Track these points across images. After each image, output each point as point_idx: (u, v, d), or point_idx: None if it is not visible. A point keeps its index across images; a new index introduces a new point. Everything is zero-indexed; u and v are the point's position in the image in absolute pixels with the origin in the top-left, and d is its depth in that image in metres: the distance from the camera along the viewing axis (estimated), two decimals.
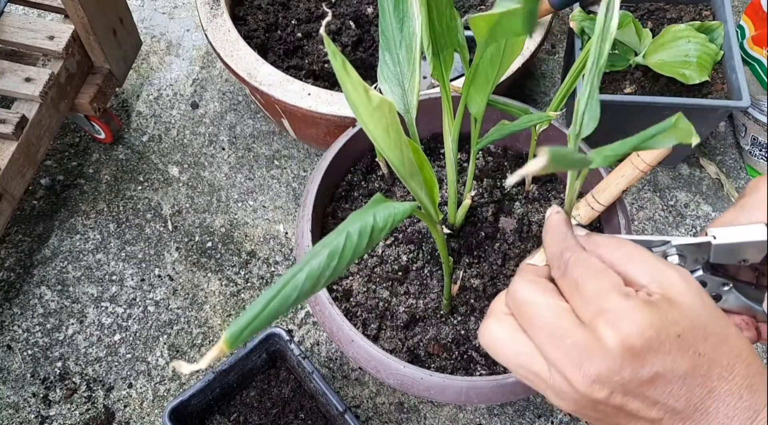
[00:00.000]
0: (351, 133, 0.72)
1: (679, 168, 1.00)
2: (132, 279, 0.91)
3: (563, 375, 0.33)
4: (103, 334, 0.87)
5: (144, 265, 0.92)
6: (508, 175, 0.76)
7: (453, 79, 0.83)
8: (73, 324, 0.88)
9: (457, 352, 0.65)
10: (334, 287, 0.69)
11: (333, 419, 0.73)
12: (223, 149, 1.01)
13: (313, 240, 0.66)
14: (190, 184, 0.99)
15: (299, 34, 0.95)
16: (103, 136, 1.00)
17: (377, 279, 0.69)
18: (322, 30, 0.33)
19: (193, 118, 1.04)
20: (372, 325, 0.67)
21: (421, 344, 0.66)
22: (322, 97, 0.81)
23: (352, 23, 0.95)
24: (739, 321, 0.42)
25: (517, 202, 0.74)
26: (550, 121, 0.68)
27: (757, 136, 0.95)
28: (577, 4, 0.87)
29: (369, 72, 0.93)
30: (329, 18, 0.36)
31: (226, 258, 0.93)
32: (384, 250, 0.70)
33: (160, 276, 0.91)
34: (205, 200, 0.97)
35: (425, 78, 0.85)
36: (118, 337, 0.87)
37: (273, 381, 0.78)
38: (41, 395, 0.83)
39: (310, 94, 0.82)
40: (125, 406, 0.83)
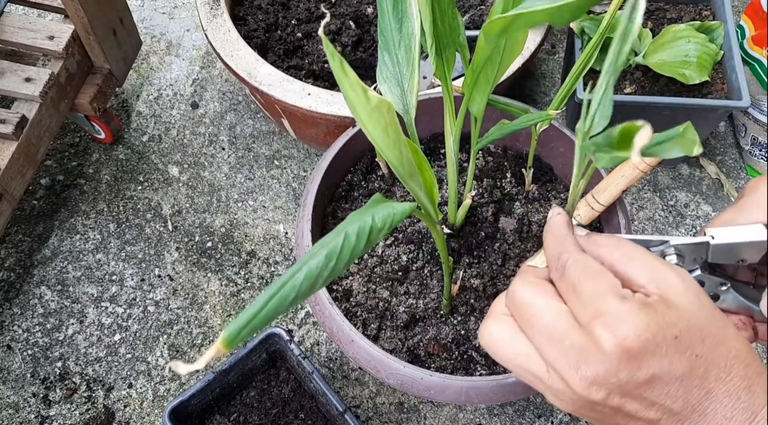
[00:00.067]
0: (351, 133, 0.72)
1: (679, 168, 1.00)
2: (132, 279, 0.91)
3: (561, 377, 0.34)
4: (103, 334, 0.87)
5: (144, 265, 0.92)
6: (508, 175, 0.76)
7: (453, 79, 0.83)
8: (73, 324, 0.88)
9: (457, 352, 0.65)
10: (334, 287, 0.69)
11: (333, 419, 0.73)
12: (223, 149, 1.01)
13: (313, 241, 0.66)
14: (190, 184, 0.99)
15: (299, 34, 0.95)
16: (103, 136, 1.00)
17: (377, 279, 0.69)
18: (321, 31, 0.33)
19: (193, 118, 1.04)
20: (372, 325, 0.67)
21: (421, 344, 0.66)
22: (322, 97, 0.81)
23: (352, 23, 0.95)
24: (736, 320, 0.43)
25: (517, 202, 0.74)
26: (551, 120, 0.68)
27: (757, 136, 0.95)
28: None
29: (369, 72, 0.93)
30: (327, 19, 0.36)
31: (226, 258, 0.93)
32: (384, 250, 0.70)
33: (160, 276, 0.91)
34: (205, 200, 0.97)
35: (425, 78, 0.85)
36: (118, 337, 0.87)
37: (273, 381, 0.78)
38: (41, 395, 0.83)
39: (310, 94, 0.82)
40: (125, 406, 0.83)
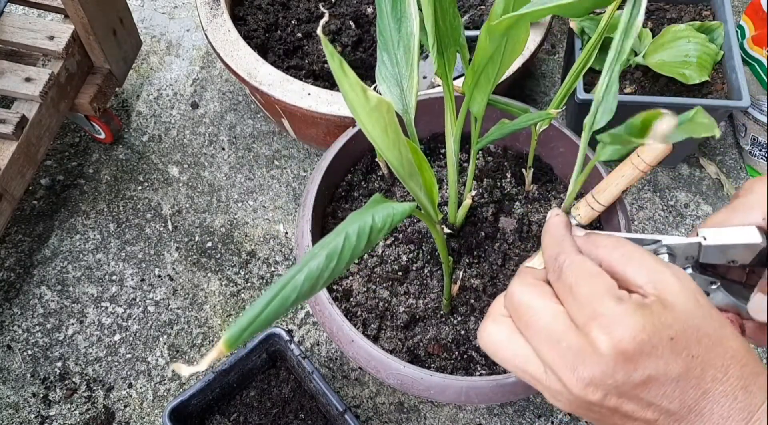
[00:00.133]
0: (351, 133, 0.72)
1: (679, 168, 1.00)
2: (132, 279, 0.91)
3: (558, 378, 0.34)
4: (103, 334, 0.87)
5: (144, 265, 0.92)
6: (508, 175, 0.76)
7: (453, 79, 0.83)
8: (73, 324, 0.88)
9: (457, 352, 0.65)
10: (334, 287, 0.69)
11: (333, 419, 0.73)
12: (223, 149, 1.01)
13: (313, 240, 0.66)
14: (190, 184, 0.99)
15: (299, 34, 0.95)
16: (103, 136, 1.00)
17: (377, 279, 0.69)
18: (320, 30, 0.33)
19: (193, 118, 1.04)
20: (372, 325, 0.67)
21: (421, 344, 0.66)
22: (322, 97, 0.81)
23: (351, 23, 0.95)
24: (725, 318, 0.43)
25: (517, 202, 0.74)
26: (551, 120, 0.68)
27: (757, 136, 0.95)
28: None
29: (369, 72, 0.93)
30: (326, 19, 0.36)
31: (226, 258, 0.93)
32: (384, 250, 0.70)
33: (160, 276, 0.91)
34: (205, 200, 0.97)
35: (425, 78, 0.85)
36: (118, 337, 0.87)
37: (273, 381, 0.78)
38: (41, 395, 0.83)
39: (310, 94, 0.82)
40: (125, 406, 0.83)
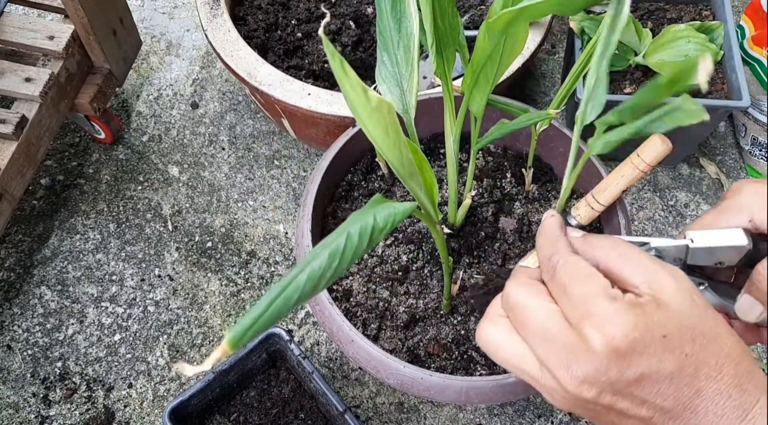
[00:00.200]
0: (351, 133, 0.72)
1: (679, 168, 1.00)
2: (132, 279, 0.91)
3: (553, 376, 0.34)
4: (103, 334, 0.87)
5: (144, 265, 0.92)
6: (509, 175, 0.76)
7: (453, 79, 0.83)
8: (73, 324, 0.88)
9: (457, 352, 0.65)
10: (334, 287, 0.69)
11: (333, 419, 0.73)
12: (223, 149, 1.01)
13: (313, 240, 0.66)
14: (190, 184, 0.99)
15: (299, 34, 0.95)
16: (103, 136, 1.00)
17: (377, 279, 0.69)
18: (321, 31, 0.33)
19: (193, 118, 1.04)
20: (372, 325, 0.67)
21: (421, 344, 0.66)
22: (322, 97, 0.81)
23: (352, 23, 0.95)
24: None
25: (517, 202, 0.74)
26: (551, 120, 0.68)
27: (757, 136, 0.95)
28: None
29: (369, 72, 0.93)
30: (328, 19, 0.36)
31: (226, 258, 0.93)
32: (384, 250, 0.70)
33: (160, 276, 0.91)
34: (205, 200, 0.97)
35: (425, 78, 0.85)
36: (118, 337, 0.87)
37: (273, 381, 0.78)
38: (41, 395, 0.83)
39: (310, 94, 0.82)
40: (125, 406, 0.83)
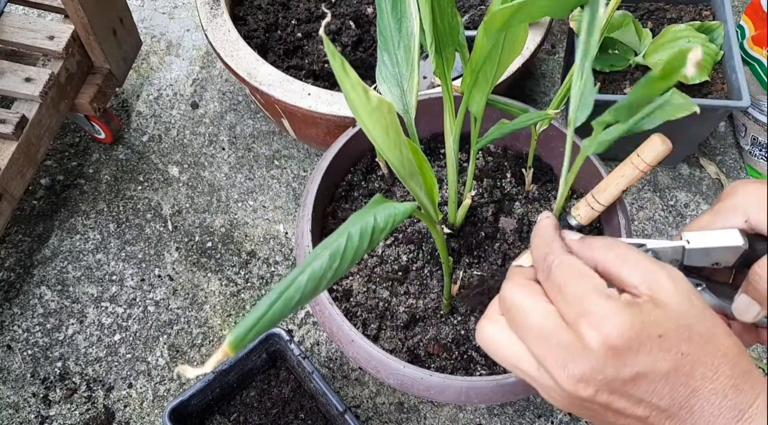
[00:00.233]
0: (351, 133, 0.72)
1: (679, 168, 1.00)
2: (132, 279, 0.91)
3: (550, 374, 0.35)
4: (103, 334, 0.87)
5: (144, 265, 0.92)
6: (509, 175, 0.76)
7: (453, 79, 0.83)
8: (73, 324, 0.88)
9: (457, 352, 0.65)
10: (334, 287, 0.69)
11: (333, 419, 0.73)
12: (223, 149, 1.01)
13: (313, 241, 0.66)
14: (190, 184, 0.99)
15: (299, 34, 0.95)
16: (103, 136, 1.00)
17: (377, 279, 0.69)
18: (322, 31, 0.33)
19: (193, 118, 1.04)
20: (372, 325, 0.67)
21: (421, 344, 0.66)
22: (322, 97, 0.81)
23: (352, 23, 0.95)
24: None
25: (517, 202, 0.74)
26: (550, 120, 0.68)
27: (757, 136, 0.95)
28: None
29: (369, 72, 0.93)
30: (328, 19, 0.36)
31: (226, 258, 0.93)
32: (384, 250, 0.70)
33: (160, 276, 0.91)
34: (205, 200, 0.97)
35: (425, 78, 0.85)
36: (118, 337, 0.87)
37: (273, 381, 0.78)
38: (41, 395, 0.83)
39: (310, 94, 0.82)
40: (125, 406, 0.83)
